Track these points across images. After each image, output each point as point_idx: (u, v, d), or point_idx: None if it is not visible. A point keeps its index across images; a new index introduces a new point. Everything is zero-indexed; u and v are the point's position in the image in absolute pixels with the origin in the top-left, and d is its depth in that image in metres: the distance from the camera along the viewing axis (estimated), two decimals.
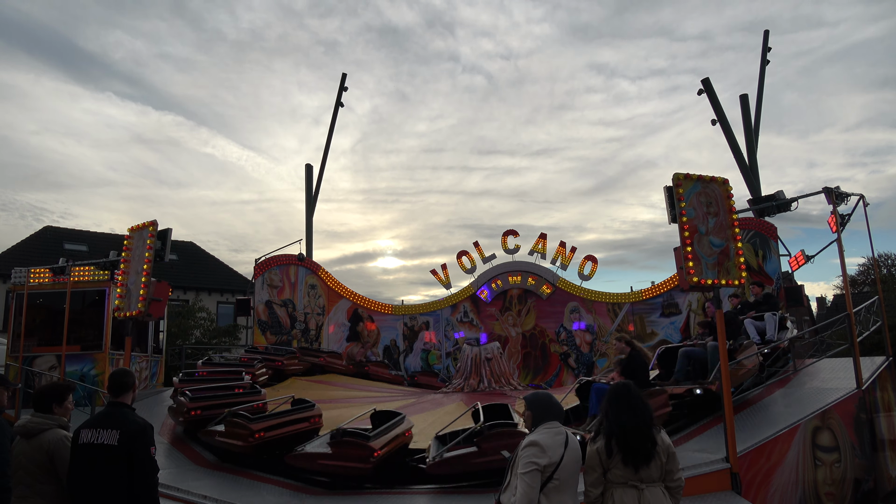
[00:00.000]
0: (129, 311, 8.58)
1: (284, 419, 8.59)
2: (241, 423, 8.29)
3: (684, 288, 7.65)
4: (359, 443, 7.39)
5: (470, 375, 16.43)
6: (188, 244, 34.28)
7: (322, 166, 22.98)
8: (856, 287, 34.78)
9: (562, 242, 19.37)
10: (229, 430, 8.43)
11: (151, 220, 8.78)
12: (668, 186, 7.66)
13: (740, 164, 19.46)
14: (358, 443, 7.40)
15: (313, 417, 8.89)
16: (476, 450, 7.11)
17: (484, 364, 16.56)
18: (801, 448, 7.77)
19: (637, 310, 18.42)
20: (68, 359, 12.93)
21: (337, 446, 7.51)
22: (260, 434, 8.08)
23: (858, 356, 8.96)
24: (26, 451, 4.12)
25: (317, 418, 8.93)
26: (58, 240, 28.89)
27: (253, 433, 8.06)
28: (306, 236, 22.18)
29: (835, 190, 10.07)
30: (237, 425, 8.32)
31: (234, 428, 8.35)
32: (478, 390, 15.80)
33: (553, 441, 3.53)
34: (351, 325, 19.69)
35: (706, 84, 19.58)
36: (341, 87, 23.25)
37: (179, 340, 22.35)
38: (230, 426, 8.43)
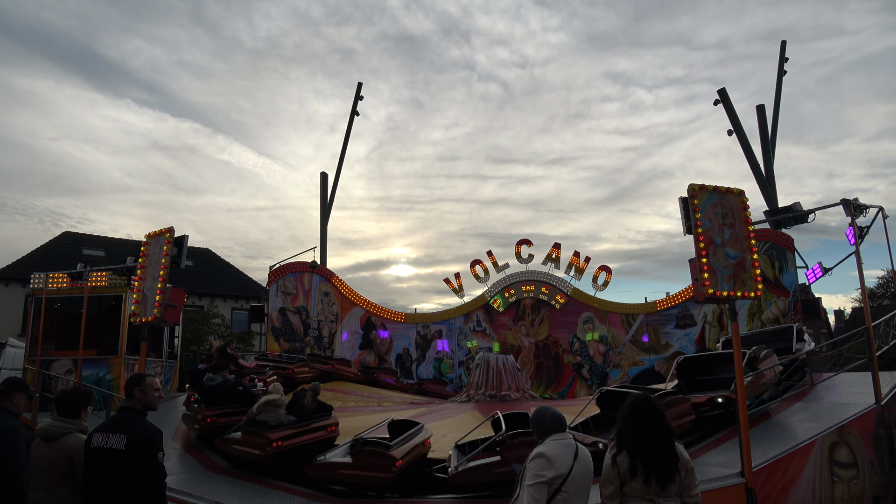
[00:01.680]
0: (145, 316, 8.66)
1: (302, 428, 8.57)
2: (258, 432, 8.28)
3: (699, 299, 7.58)
4: (380, 452, 7.36)
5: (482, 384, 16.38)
6: (204, 250, 34.56)
7: (337, 174, 23.12)
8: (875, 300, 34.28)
9: (576, 252, 19.33)
10: (247, 439, 8.41)
11: (168, 226, 8.86)
12: (683, 197, 7.61)
13: (757, 175, 19.31)
14: (379, 452, 7.36)
15: (330, 426, 8.89)
16: (499, 459, 7.07)
17: (497, 373, 16.50)
18: (818, 464, 7.65)
19: (651, 321, 18.28)
20: (84, 363, 13.06)
21: (358, 456, 7.49)
22: (278, 443, 8.07)
23: (877, 370, 8.82)
24: (45, 454, 4.15)
25: (334, 427, 8.94)
26: (76, 245, 29.25)
27: (271, 442, 8.06)
28: (320, 244, 22.28)
29: (853, 202, 9.95)
30: (255, 434, 8.31)
31: (252, 436, 8.34)
32: (490, 399, 15.73)
33: (562, 452, 3.48)
34: (364, 333, 19.72)
35: (722, 94, 19.48)
36: (357, 97, 23.41)
37: (194, 346, 22.51)
38: (248, 434, 8.41)
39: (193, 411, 9.79)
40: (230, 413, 9.45)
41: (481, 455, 7.31)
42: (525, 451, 6.92)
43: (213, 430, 9.39)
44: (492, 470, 7.03)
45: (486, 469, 7.06)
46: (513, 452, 6.96)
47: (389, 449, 7.38)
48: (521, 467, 3.65)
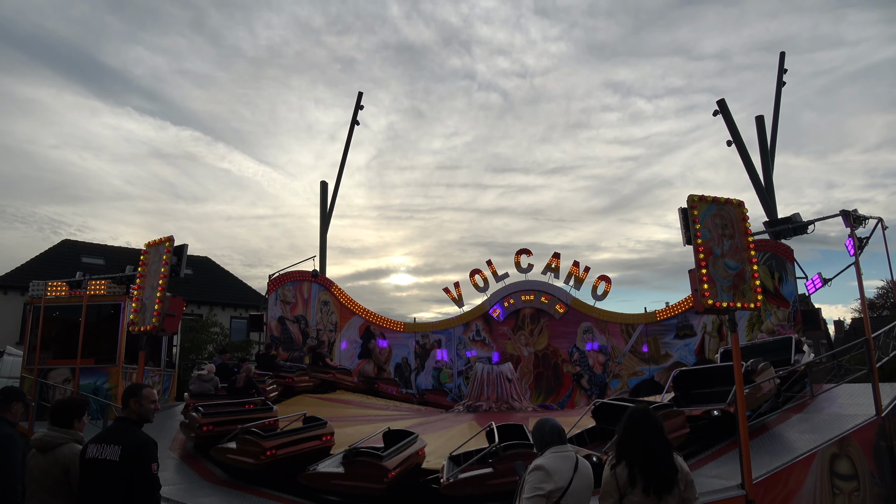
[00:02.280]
0: (144, 325, 8.63)
1: (296, 437, 8.56)
2: (253, 441, 8.26)
3: (699, 310, 7.57)
4: (372, 462, 7.32)
5: (481, 395, 16.34)
6: (203, 259, 34.54)
7: (337, 183, 23.15)
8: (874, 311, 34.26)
9: (575, 262, 19.30)
10: (241, 448, 8.40)
11: (168, 235, 8.86)
12: (682, 208, 7.62)
13: (756, 185, 19.34)
14: (372, 462, 7.33)
15: (325, 435, 8.87)
16: (491, 471, 7.03)
17: (495, 383, 16.46)
18: (818, 476, 7.61)
19: (651, 331, 18.25)
20: (82, 372, 13.02)
21: (350, 466, 7.46)
22: (272, 452, 8.04)
23: (878, 382, 8.80)
24: (41, 464, 4.14)
25: (328, 436, 8.91)
26: (76, 253, 29.22)
27: (265, 451, 8.03)
28: (320, 252, 22.28)
29: (852, 213, 9.97)
30: (249, 442, 8.29)
31: (246, 445, 8.32)
32: (488, 410, 15.68)
33: (561, 465, 3.46)
34: (363, 343, 19.67)
35: (722, 105, 19.55)
36: (357, 106, 23.48)
37: (192, 355, 22.44)
38: (242, 443, 8.40)
39: (191, 420, 9.75)
40: (226, 422, 9.42)
41: (474, 466, 7.26)
42: (365, 470, 6.98)
43: (209, 438, 9.36)
44: (484, 482, 7.00)
45: (478, 481, 7.02)
46: (505, 464, 6.93)
47: (382, 459, 7.34)
48: (523, 466, 3.62)
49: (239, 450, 8.45)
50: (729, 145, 19.52)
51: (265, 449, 8.09)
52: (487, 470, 7.07)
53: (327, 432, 8.95)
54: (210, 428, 9.46)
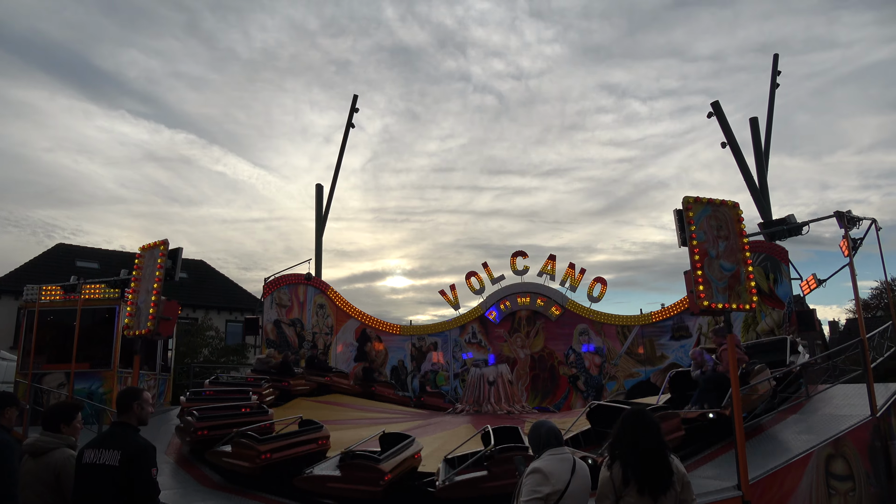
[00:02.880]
0: (139, 329, 8.60)
1: (292, 440, 8.55)
2: (248, 444, 8.25)
3: (694, 312, 7.58)
4: (368, 465, 7.32)
5: (477, 397, 16.33)
6: (198, 262, 34.45)
7: (332, 186, 23.13)
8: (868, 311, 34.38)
9: (571, 264, 19.32)
10: (236, 451, 8.38)
11: (163, 238, 8.84)
12: (678, 210, 7.64)
13: (751, 187, 19.41)
14: (368, 465, 7.32)
15: (321, 439, 8.85)
16: (486, 473, 7.03)
17: (491, 386, 16.46)
18: (814, 476, 7.63)
19: (647, 333, 18.27)
20: (77, 376, 12.95)
21: (346, 469, 7.45)
22: (267, 455, 8.03)
23: (872, 382, 8.83)
24: (33, 470, 4.11)
25: (324, 440, 8.89)
26: (70, 257, 29.12)
27: (260, 454, 8.02)
28: (316, 255, 22.25)
29: (846, 214, 10.01)
30: (245, 446, 8.27)
31: (242, 449, 8.30)
32: (485, 412, 15.67)
33: (558, 468, 3.45)
34: (359, 346, 19.64)
35: (716, 107, 19.62)
36: (352, 109, 23.47)
37: (188, 359, 22.36)
38: (237, 447, 8.38)
39: (186, 424, 9.71)
40: (222, 426, 9.39)
41: (469, 469, 7.25)
42: (513, 466, 6.93)
43: (205, 442, 9.32)
44: (479, 485, 7.00)
45: (473, 484, 7.02)
46: (500, 467, 6.94)
47: (378, 462, 7.33)
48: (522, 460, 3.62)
49: (234, 453, 8.43)
50: (723, 147, 19.59)
51: (261, 452, 8.06)
52: (482, 473, 7.07)
53: (323, 436, 8.94)
54: (205, 432, 9.43)
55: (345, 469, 7.48)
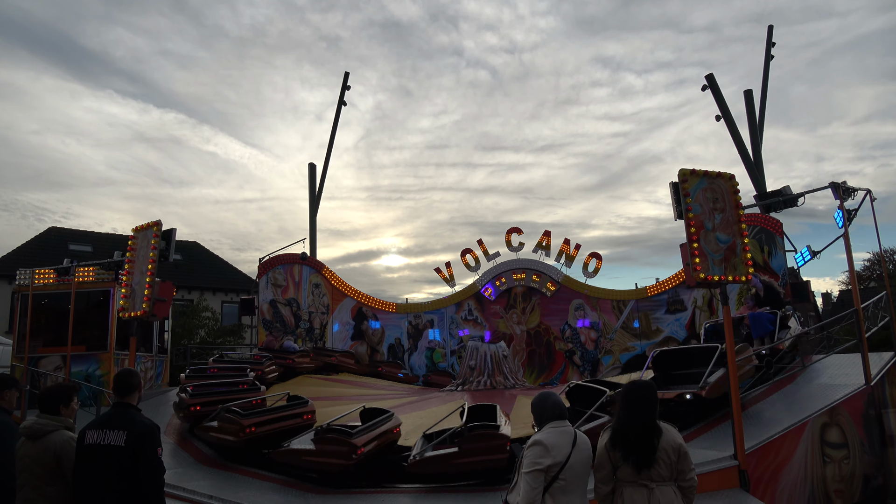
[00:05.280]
0: (134, 311, 8.58)
1: (277, 415, 8.78)
2: (232, 419, 8.47)
3: (690, 284, 7.60)
4: (342, 439, 7.45)
5: (474, 374, 16.43)
6: (192, 244, 34.32)
7: (325, 165, 22.94)
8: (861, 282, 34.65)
9: (566, 239, 19.34)
10: (222, 426, 8.62)
11: (155, 220, 8.77)
12: (673, 182, 7.61)
13: (745, 160, 19.36)
14: (341, 439, 7.45)
15: (306, 413, 9.04)
16: (457, 450, 7.18)
17: (489, 362, 16.55)
18: (809, 445, 7.72)
19: (642, 307, 18.36)
20: (73, 359, 12.95)
21: (320, 442, 7.59)
22: (251, 429, 8.25)
23: (867, 352, 8.90)
24: (31, 452, 4.10)
25: (310, 414, 9.07)
26: (62, 241, 28.95)
27: (244, 428, 8.24)
28: (310, 235, 22.15)
29: (842, 185, 9.99)
30: (229, 421, 8.50)
31: (227, 423, 8.54)
32: (482, 388, 15.77)
33: (559, 440, 3.47)
34: (355, 324, 19.68)
35: (710, 80, 19.47)
36: (344, 86, 23.20)
37: (184, 340, 22.38)
38: (223, 422, 8.61)
39: (180, 400, 9.87)
40: (213, 402, 9.55)
41: (440, 446, 7.43)
42: (482, 443, 7.14)
43: (198, 417, 9.51)
44: (448, 461, 7.14)
45: (443, 460, 7.18)
46: (470, 444, 7.09)
47: (351, 437, 7.46)
48: (521, 450, 3.64)
49: (220, 428, 8.64)
50: (718, 120, 19.49)
51: (244, 426, 8.28)
52: (453, 449, 7.21)
53: (308, 410, 9.09)
54: (197, 408, 9.64)
55: (319, 442, 7.62)
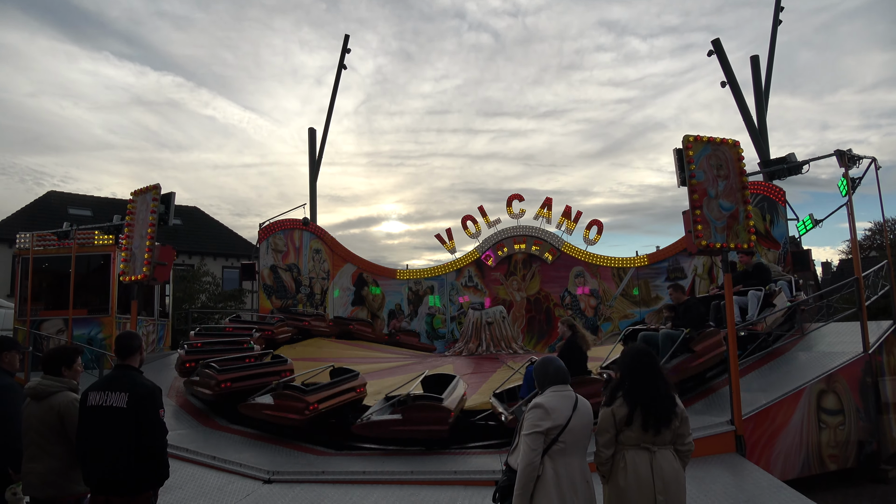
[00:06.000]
0: (135, 275, 8.58)
1: (252, 371, 9.32)
2: (209, 374, 8.92)
3: (692, 251, 7.59)
4: (297, 396, 8.01)
5: (470, 339, 16.58)
6: (192, 209, 34.24)
7: (325, 130, 22.73)
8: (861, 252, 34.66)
9: (567, 207, 19.28)
10: (202, 381, 9.08)
11: (154, 183, 8.71)
12: (677, 149, 7.53)
13: (749, 127, 19.16)
14: (296, 396, 8.01)
15: (284, 371, 9.46)
16: (399, 417, 7.56)
17: (484, 328, 16.67)
18: (805, 411, 7.80)
19: (642, 274, 18.40)
20: (75, 322, 13.03)
21: (278, 398, 8.13)
22: (226, 384, 8.75)
23: (866, 320, 8.93)
24: (36, 412, 4.15)
25: (288, 372, 9.47)
26: (62, 205, 28.87)
27: (220, 383, 8.72)
28: (310, 201, 22.07)
29: (847, 153, 9.89)
30: (207, 376, 8.96)
31: (205, 378, 8.99)
32: (478, 354, 15.91)
33: (560, 404, 3.51)
34: (356, 290, 19.75)
35: (716, 45, 19.15)
36: (344, 49, 22.84)
37: (185, 305, 22.48)
38: (202, 377, 9.08)
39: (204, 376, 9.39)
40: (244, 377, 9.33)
41: (391, 410, 7.83)
42: (423, 414, 7.44)
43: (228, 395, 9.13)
44: (390, 427, 7.59)
45: (385, 425, 7.61)
46: (413, 414, 7.49)
47: (305, 394, 8.02)
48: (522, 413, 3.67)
49: (200, 382, 9.10)
50: (723, 86, 19.21)
51: (220, 381, 8.72)
52: (396, 416, 7.58)
53: (286, 368, 9.56)
54: (192, 364, 10.05)
55: (277, 398, 8.14)
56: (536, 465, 3.36)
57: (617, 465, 3.48)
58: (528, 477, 3.35)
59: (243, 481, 6.98)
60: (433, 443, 7.70)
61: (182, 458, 7.55)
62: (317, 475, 7.08)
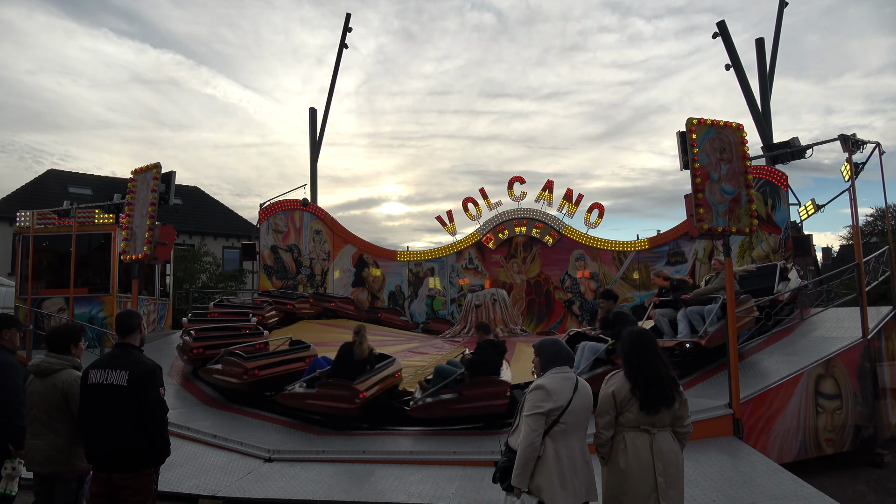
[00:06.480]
0: (135, 254, 8.58)
1: (279, 359, 9.31)
2: (236, 362, 8.94)
3: (694, 235, 7.57)
4: (237, 362, 8.84)
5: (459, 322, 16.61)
6: (192, 189, 34.16)
7: (326, 110, 22.62)
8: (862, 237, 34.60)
9: (568, 190, 19.22)
10: (226, 368, 9.09)
11: (155, 162, 8.68)
12: (680, 132, 7.50)
13: (753, 112, 19.06)
14: (236, 362, 8.85)
15: (308, 357, 9.45)
16: (316, 391, 7.77)
17: (472, 311, 16.72)
18: (803, 396, 7.83)
19: (642, 258, 18.39)
20: (76, 301, 13.05)
21: (224, 364, 9.04)
22: (255, 372, 8.84)
23: (866, 305, 8.93)
24: (40, 389, 4.17)
25: (310, 359, 9.37)
26: (62, 183, 28.80)
27: (247, 371, 8.76)
28: (311, 181, 22.03)
29: (851, 137, 9.83)
30: (233, 364, 8.98)
31: (230, 366, 9.00)
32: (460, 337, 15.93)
33: (561, 385, 3.53)
34: (356, 271, 19.77)
35: (721, 27, 18.98)
36: (345, 28, 22.65)
37: (186, 284, 22.51)
38: (227, 364, 9.10)
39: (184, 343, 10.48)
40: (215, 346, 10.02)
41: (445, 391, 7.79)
42: (482, 390, 7.41)
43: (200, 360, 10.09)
44: (449, 406, 7.58)
45: (444, 405, 7.61)
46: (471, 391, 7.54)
47: (245, 360, 8.78)
48: (522, 395, 3.69)
49: (224, 370, 9.17)
50: (727, 69, 19.08)
51: (248, 369, 8.79)
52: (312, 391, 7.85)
53: (310, 354, 9.54)
54: (201, 350, 10.14)
55: (223, 364, 9.04)
56: (537, 445, 3.40)
57: (617, 447, 3.50)
58: (528, 457, 3.38)
59: (244, 460, 7.05)
60: (493, 419, 7.70)
61: (184, 437, 7.61)
62: (317, 454, 7.14)
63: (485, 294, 17.02)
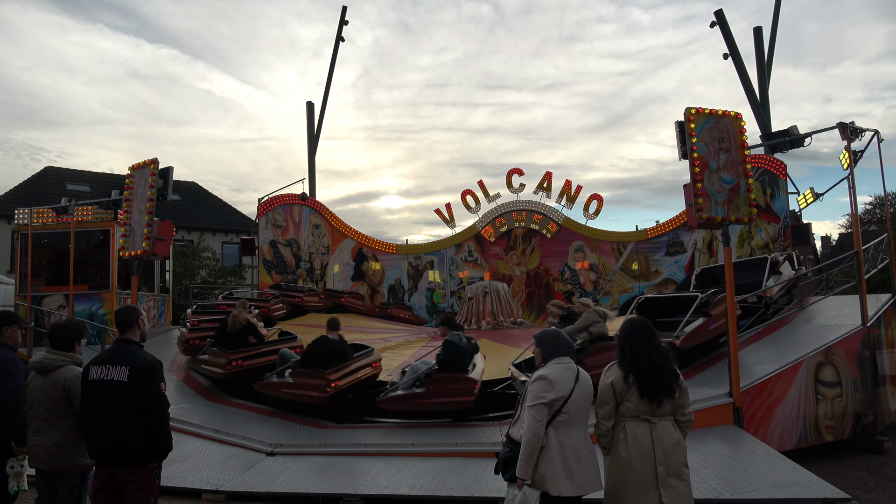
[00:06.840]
0: (134, 250, 8.56)
1: (262, 349, 9.50)
2: (219, 352, 9.22)
3: (693, 225, 7.57)
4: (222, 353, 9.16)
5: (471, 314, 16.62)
6: (190, 184, 34.08)
7: (324, 104, 22.53)
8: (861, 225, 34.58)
9: (567, 181, 19.19)
10: (211, 359, 9.44)
11: (152, 158, 8.65)
12: (679, 122, 7.48)
13: (751, 100, 19.00)
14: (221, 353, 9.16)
15: (295, 348, 9.60)
16: (425, 391, 7.60)
17: (465, 303, 16.75)
18: (803, 384, 7.86)
19: (642, 249, 18.40)
20: (76, 298, 13.04)
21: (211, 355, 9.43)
22: (237, 363, 9.06)
23: (865, 293, 8.94)
24: (42, 386, 4.18)
25: (298, 349, 9.54)
26: (60, 180, 28.72)
27: (230, 361, 9.02)
28: (309, 175, 21.98)
29: (850, 125, 9.81)
30: (217, 354, 9.27)
31: (215, 356, 9.31)
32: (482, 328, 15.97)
33: (563, 376, 3.55)
34: (356, 265, 19.77)
35: (719, 16, 18.90)
36: (342, 21, 22.54)
37: (186, 280, 22.51)
38: (212, 355, 9.43)
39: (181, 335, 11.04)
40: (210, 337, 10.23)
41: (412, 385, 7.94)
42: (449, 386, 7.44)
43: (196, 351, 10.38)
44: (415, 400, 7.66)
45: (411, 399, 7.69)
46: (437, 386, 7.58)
47: (229, 352, 9.08)
48: (523, 387, 3.70)
49: (209, 361, 9.51)
50: (725, 58, 19.01)
51: (230, 360, 9.03)
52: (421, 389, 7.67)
53: (297, 345, 9.71)
54: (196, 342, 10.48)
55: (210, 354, 9.43)
56: (541, 435, 3.42)
57: (617, 437, 3.51)
58: (532, 447, 3.41)
59: (246, 454, 7.07)
60: (460, 414, 7.77)
61: (186, 432, 7.63)
62: (319, 447, 7.17)
63: (476, 287, 17.02)
